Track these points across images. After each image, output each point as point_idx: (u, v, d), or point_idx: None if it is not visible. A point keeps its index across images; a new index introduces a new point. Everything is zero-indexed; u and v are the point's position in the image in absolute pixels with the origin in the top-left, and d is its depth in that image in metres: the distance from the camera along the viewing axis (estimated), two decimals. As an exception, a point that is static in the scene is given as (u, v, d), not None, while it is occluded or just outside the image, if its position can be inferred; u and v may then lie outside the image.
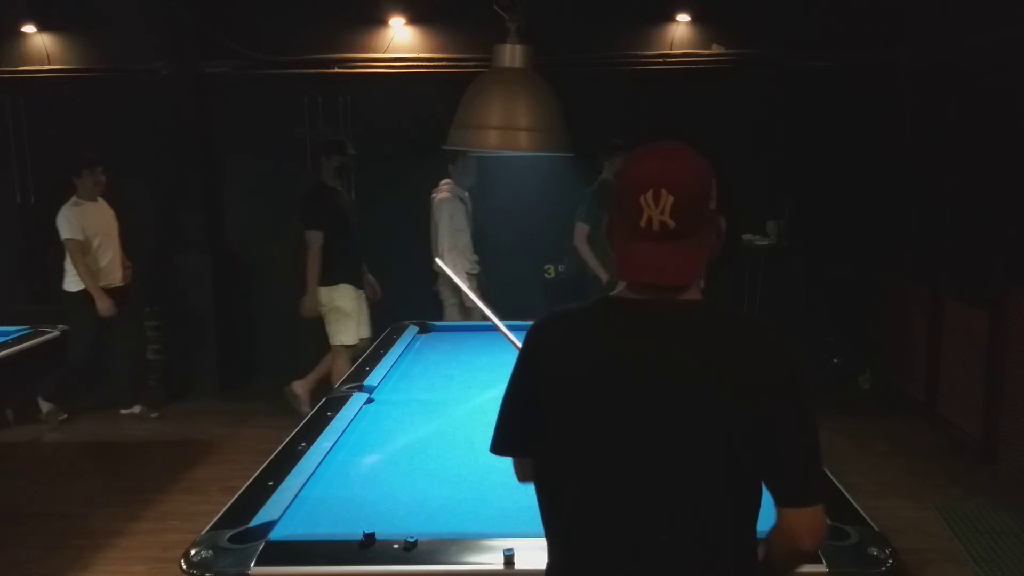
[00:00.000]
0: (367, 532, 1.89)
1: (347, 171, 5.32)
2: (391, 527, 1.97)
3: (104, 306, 5.19)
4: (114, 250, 5.42)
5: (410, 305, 5.33)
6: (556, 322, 1.43)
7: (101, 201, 5.40)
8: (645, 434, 1.32)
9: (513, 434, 1.48)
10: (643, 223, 1.29)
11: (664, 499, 1.33)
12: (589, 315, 1.40)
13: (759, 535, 1.43)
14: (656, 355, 1.32)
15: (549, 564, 1.48)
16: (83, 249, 5.18)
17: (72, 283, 5.24)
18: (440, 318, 5.19)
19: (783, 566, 1.44)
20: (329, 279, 5.05)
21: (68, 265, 5.23)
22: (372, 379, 3.45)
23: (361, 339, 5.18)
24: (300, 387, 5.34)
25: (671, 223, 1.28)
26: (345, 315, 5.12)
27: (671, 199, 1.27)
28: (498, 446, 1.50)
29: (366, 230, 6.22)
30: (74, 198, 5.26)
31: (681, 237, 1.30)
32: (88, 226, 5.23)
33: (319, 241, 4.98)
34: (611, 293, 1.42)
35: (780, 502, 1.34)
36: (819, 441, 1.33)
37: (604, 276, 5.07)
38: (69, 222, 5.14)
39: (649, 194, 1.28)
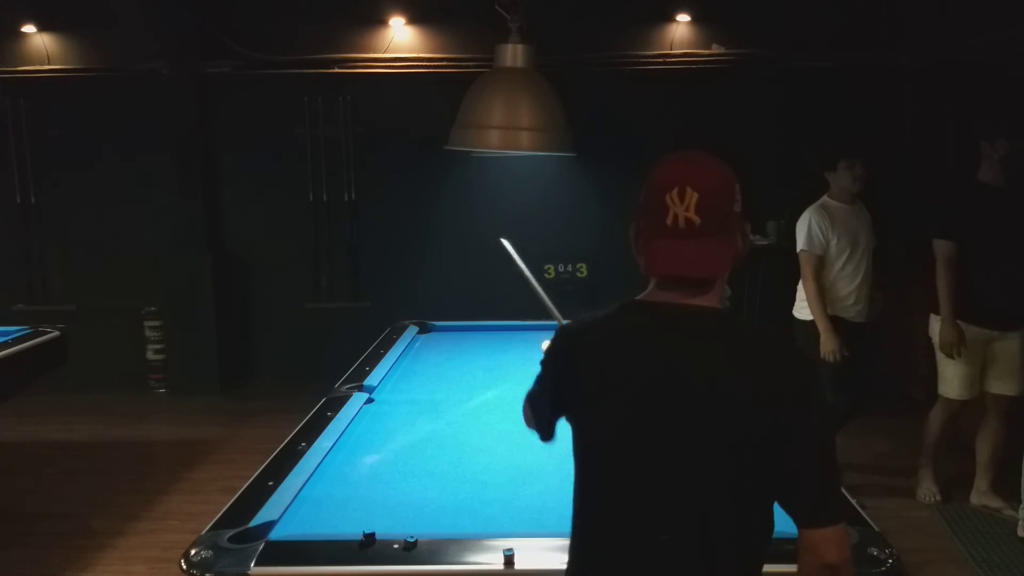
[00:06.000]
0: (367, 532, 1.89)
1: (1016, 162, 3.73)
2: (391, 527, 1.97)
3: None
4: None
5: (410, 305, 5.34)
6: (584, 328, 1.47)
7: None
8: (659, 436, 1.35)
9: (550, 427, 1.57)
10: (669, 221, 1.32)
11: (671, 499, 1.35)
12: (614, 320, 1.43)
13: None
14: (675, 360, 1.34)
15: (569, 560, 1.52)
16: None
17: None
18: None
19: None
20: (943, 307, 3.82)
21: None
22: (372, 379, 3.45)
23: (994, 393, 3.87)
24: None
25: (696, 219, 1.31)
26: (949, 358, 3.84)
27: (696, 196, 1.31)
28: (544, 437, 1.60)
29: (365, 230, 6.25)
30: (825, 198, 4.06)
31: (706, 234, 1.32)
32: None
33: (945, 252, 3.78)
34: (636, 297, 1.44)
35: (800, 522, 1.31)
36: (837, 460, 1.33)
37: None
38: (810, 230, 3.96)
39: (674, 192, 1.32)
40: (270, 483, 2.28)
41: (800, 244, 3.99)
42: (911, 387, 5.64)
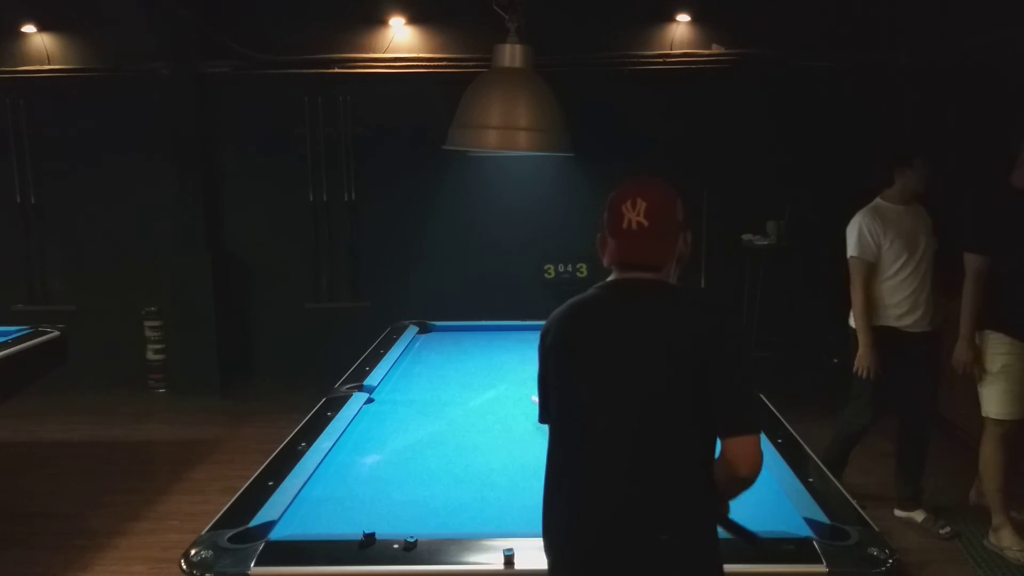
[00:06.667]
0: (367, 532, 1.89)
1: None
2: (391, 527, 1.97)
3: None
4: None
5: (410, 305, 5.34)
6: (566, 307, 1.81)
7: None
8: (625, 375, 1.66)
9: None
10: (624, 224, 1.73)
11: (636, 439, 1.64)
12: (588, 297, 1.80)
13: None
14: (635, 317, 1.71)
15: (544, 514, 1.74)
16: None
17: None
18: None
19: (725, 492, 1.71)
20: (977, 323, 3.61)
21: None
22: (372, 379, 3.45)
23: None
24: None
25: (645, 222, 1.71)
26: (992, 375, 3.58)
27: (644, 204, 1.72)
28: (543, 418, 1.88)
29: (365, 230, 6.26)
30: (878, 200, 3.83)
31: (653, 234, 1.72)
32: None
33: (975, 265, 3.55)
34: (608, 279, 1.80)
35: (720, 434, 1.63)
36: (752, 386, 1.67)
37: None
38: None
39: (628, 203, 1.73)
40: (270, 483, 2.28)
41: (850, 250, 3.79)
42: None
